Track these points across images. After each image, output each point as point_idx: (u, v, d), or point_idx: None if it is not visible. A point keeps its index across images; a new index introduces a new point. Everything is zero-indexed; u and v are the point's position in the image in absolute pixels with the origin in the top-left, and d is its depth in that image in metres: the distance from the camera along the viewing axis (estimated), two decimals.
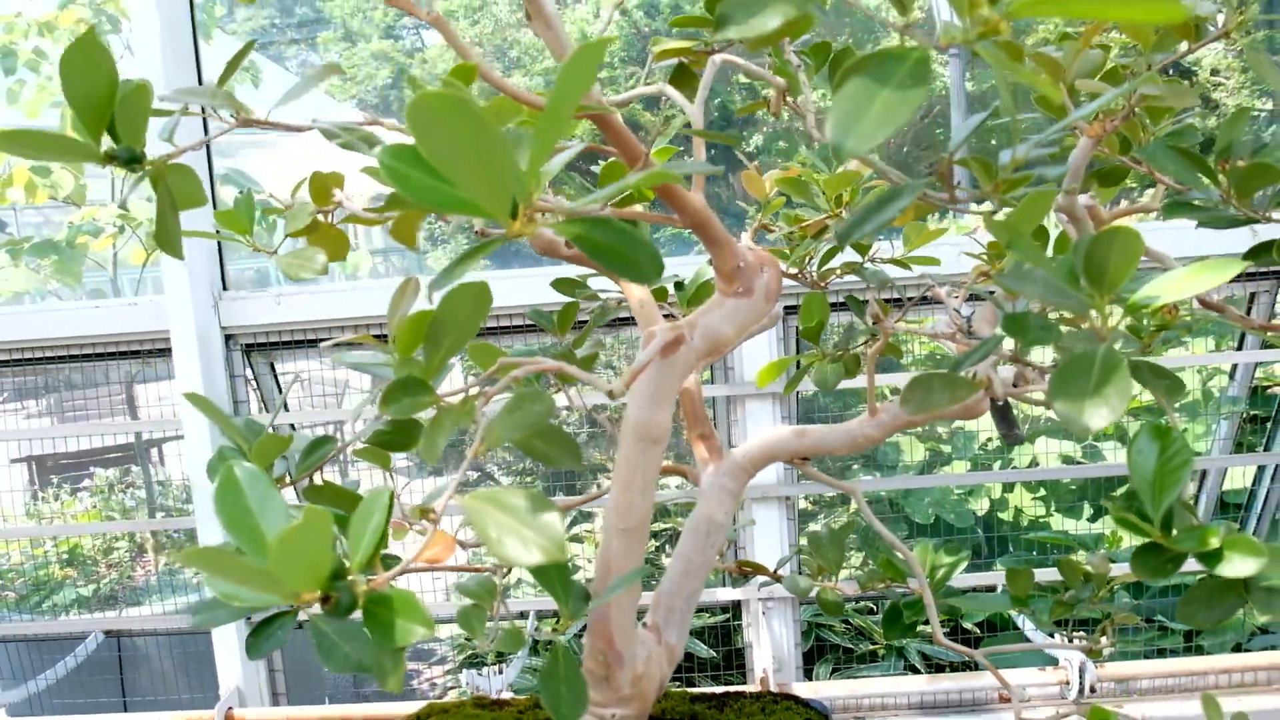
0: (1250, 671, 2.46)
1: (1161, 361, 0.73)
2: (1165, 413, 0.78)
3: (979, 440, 3.57)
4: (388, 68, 8.77)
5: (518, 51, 7.16)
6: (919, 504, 3.42)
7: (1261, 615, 0.76)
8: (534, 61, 7.18)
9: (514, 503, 0.64)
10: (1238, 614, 3.10)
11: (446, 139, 0.47)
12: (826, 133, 0.47)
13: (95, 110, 0.73)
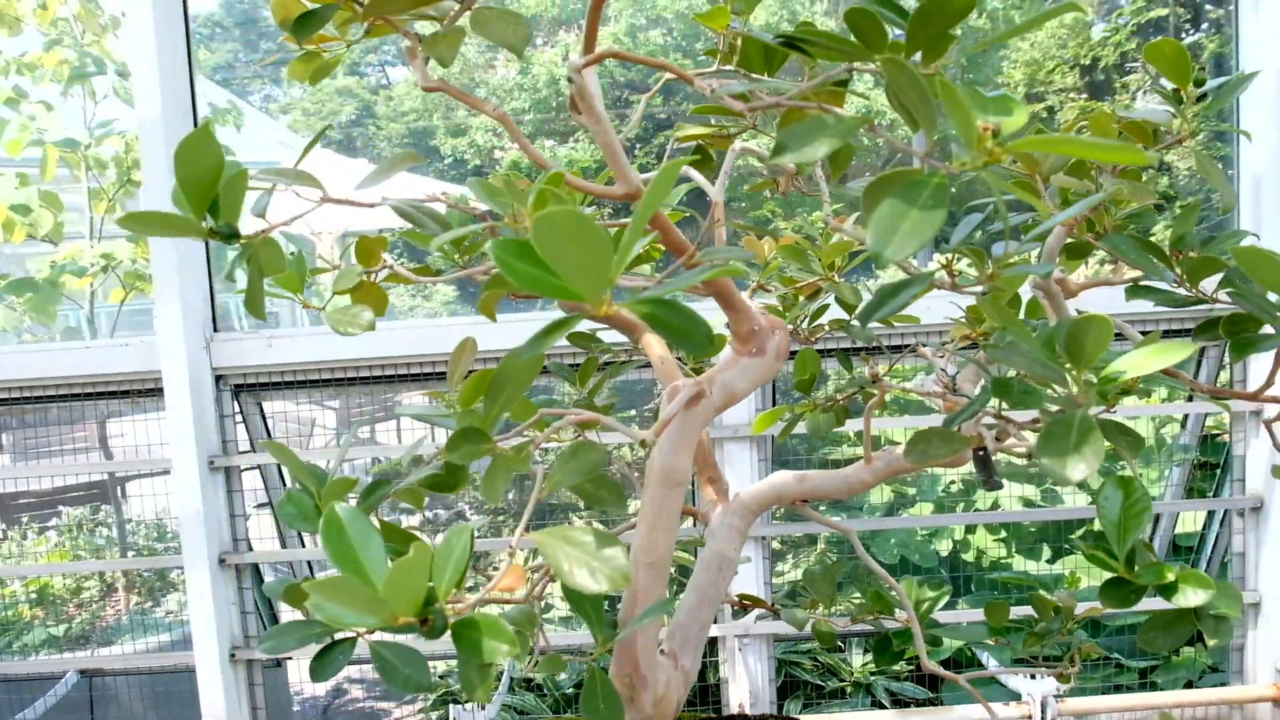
0: (1201, 706, 2.62)
1: (1120, 411, 0.87)
2: (1117, 459, 0.91)
3: (942, 483, 3.73)
4: (352, 104, 8.88)
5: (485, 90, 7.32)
6: (885, 545, 3.56)
7: (1210, 640, 0.89)
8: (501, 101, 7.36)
9: (583, 539, 0.75)
10: (1189, 653, 3.26)
11: (564, 245, 0.59)
12: (868, 242, 0.60)
13: (201, 191, 0.84)
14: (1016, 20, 6.00)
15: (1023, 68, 5.57)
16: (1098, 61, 4.96)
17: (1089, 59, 5.00)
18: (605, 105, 0.96)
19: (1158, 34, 4.80)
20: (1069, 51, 5.14)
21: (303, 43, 0.96)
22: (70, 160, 3.48)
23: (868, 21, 0.70)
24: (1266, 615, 2.60)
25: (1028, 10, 7.11)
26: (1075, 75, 5.13)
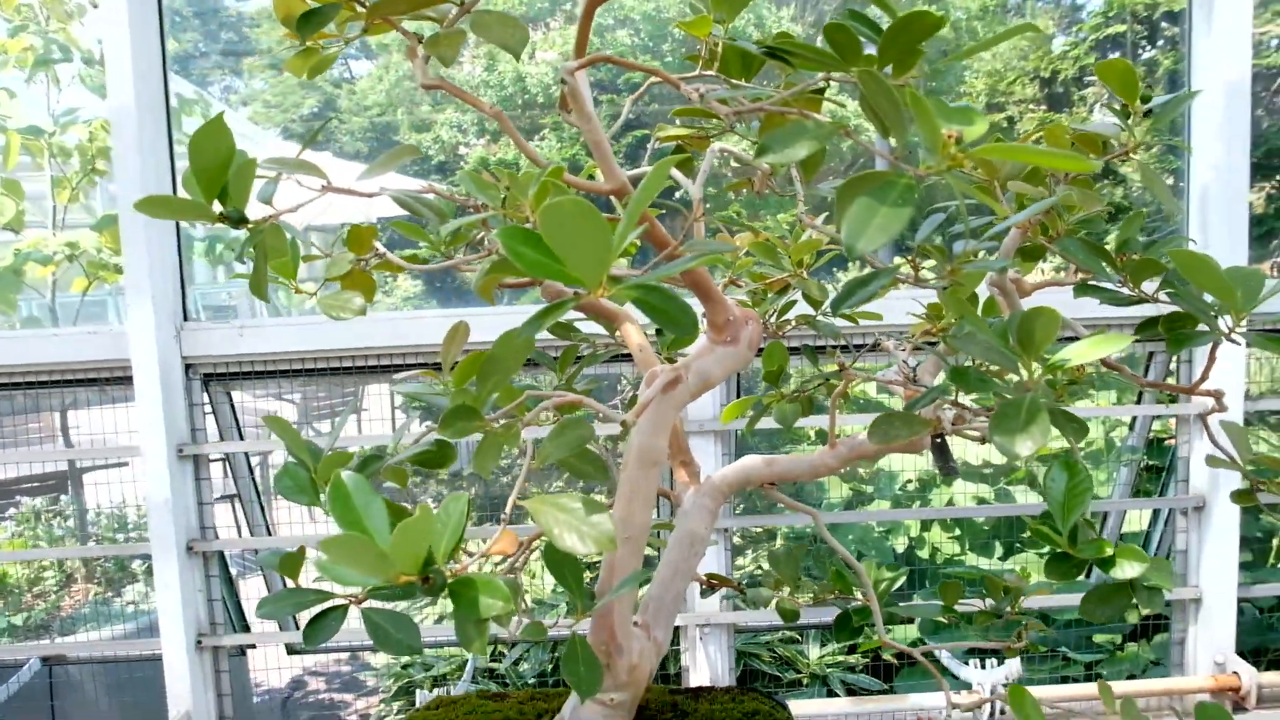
0: (1144, 697, 2.73)
1: (1071, 410, 0.95)
2: (1071, 456, 0.99)
3: (899, 481, 3.83)
4: (315, 96, 8.83)
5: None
6: (843, 540, 3.65)
7: (1144, 609, 0.97)
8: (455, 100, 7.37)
9: (572, 506, 0.82)
10: (1134, 648, 3.39)
11: (569, 232, 0.65)
12: (842, 236, 0.67)
13: (212, 178, 0.89)
14: (980, 31, 6.13)
15: (985, 78, 5.72)
16: (1057, 74, 5.10)
17: (1049, 72, 5.14)
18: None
19: (1116, 50, 4.95)
20: (1029, 64, 5.28)
21: (304, 39, 1.01)
22: (33, 148, 3.47)
23: (844, 36, 0.77)
24: (1207, 610, 2.72)
25: (989, 22, 7.26)
26: (1035, 87, 5.27)
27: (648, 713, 1.20)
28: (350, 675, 4.06)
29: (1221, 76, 2.54)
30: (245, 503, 2.87)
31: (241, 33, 8.95)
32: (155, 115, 2.47)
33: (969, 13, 7.34)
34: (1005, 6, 7.93)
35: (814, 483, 4.07)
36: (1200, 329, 0.99)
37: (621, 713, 1.13)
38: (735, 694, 1.26)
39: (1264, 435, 3.86)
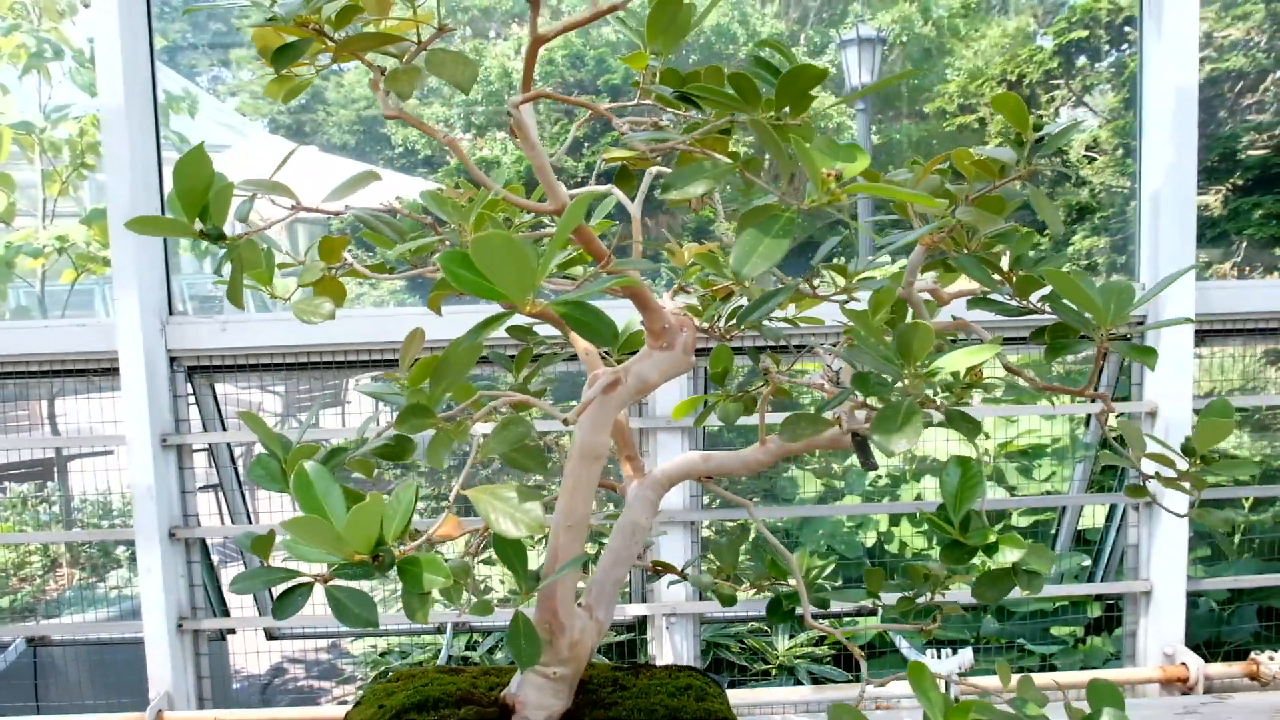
0: None
1: (1036, 410, 1.07)
2: (1035, 457, 1.12)
3: (869, 478, 3.96)
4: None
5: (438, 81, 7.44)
6: (813, 535, 3.78)
7: (1023, 592, 1.10)
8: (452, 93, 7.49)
9: (507, 495, 0.94)
10: (1096, 641, 3.52)
11: (498, 259, 0.77)
12: (731, 263, 0.79)
13: (195, 201, 1.00)
14: (961, 29, 6.24)
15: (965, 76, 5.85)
16: (1024, 78, 5.24)
17: (1015, 75, 5.28)
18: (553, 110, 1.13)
19: (1080, 54, 5.08)
20: (995, 68, 5.42)
21: (279, 70, 1.12)
22: (24, 142, 3.57)
23: (746, 83, 0.88)
24: (1156, 602, 2.85)
25: (972, 20, 7.38)
26: (1004, 89, 5.40)
27: (590, 686, 1.32)
28: (330, 663, 4.18)
29: (1171, 82, 2.66)
30: (227, 492, 2.99)
31: (229, 24, 9.04)
32: (143, 113, 2.58)
33: (951, 10, 7.47)
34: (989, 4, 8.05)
35: (788, 478, 4.20)
36: (1082, 337, 1.11)
37: (564, 685, 1.25)
38: (673, 671, 1.38)
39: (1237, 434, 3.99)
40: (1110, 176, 4.14)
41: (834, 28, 8.62)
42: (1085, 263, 3.99)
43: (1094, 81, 4.88)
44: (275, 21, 1.09)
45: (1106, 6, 4.72)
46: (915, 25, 8.39)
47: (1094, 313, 1.01)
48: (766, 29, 8.76)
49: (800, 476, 4.10)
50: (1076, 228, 4.01)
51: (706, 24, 8.75)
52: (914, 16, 8.40)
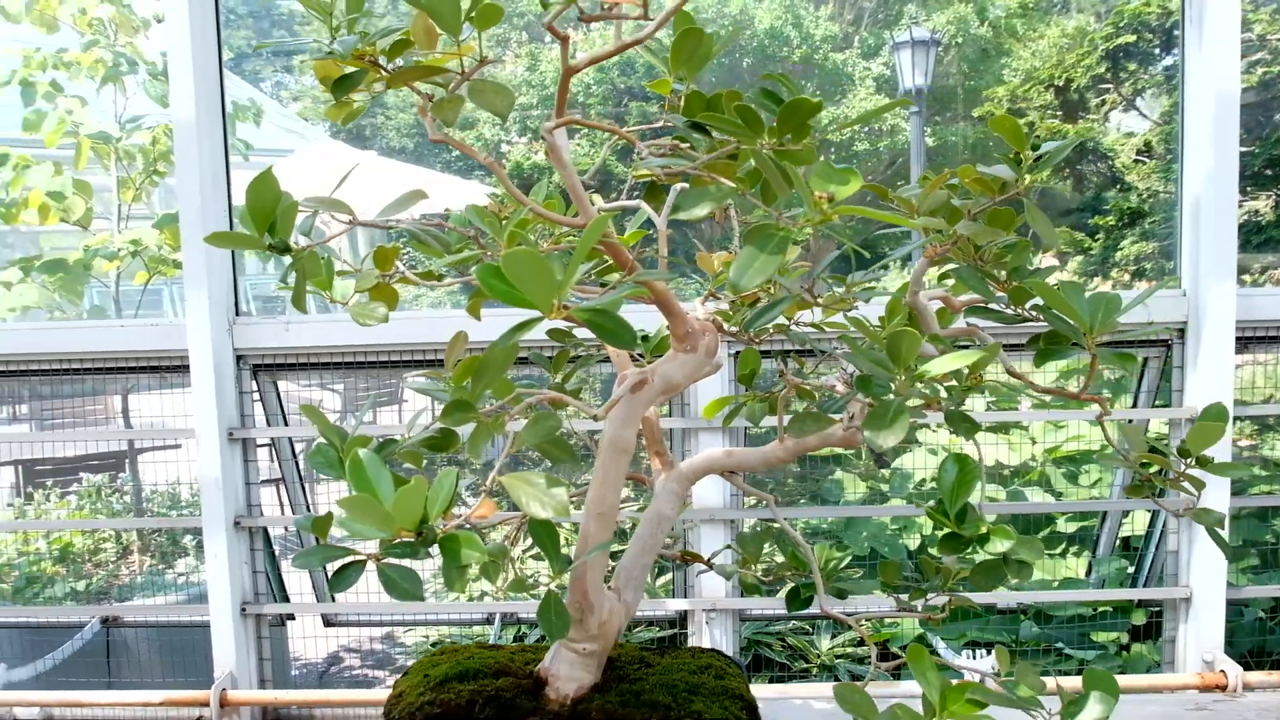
0: (1131, 692, 2.91)
1: (1076, 416, 1.17)
2: (1081, 463, 1.21)
3: (914, 480, 4.03)
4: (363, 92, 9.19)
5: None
6: (856, 537, 3.85)
7: (1013, 579, 1.19)
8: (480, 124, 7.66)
9: (536, 481, 1.06)
10: (1139, 649, 3.56)
11: (525, 271, 0.89)
12: (730, 275, 0.90)
13: (264, 217, 1.14)
14: (1018, 29, 6.28)
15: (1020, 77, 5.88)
16: (1071, 82, 5.26)
17: (1063, 80, 5.30)
18: (609, 107, 1.25)
19: (1128, 58, 5.09)
20: (1043, 72, 5.44)
21: (338, 98, 1.26)
22: (101, 151, 3.79)
23: (750, 114, 0.99)
24: (1196, 609, 2.89)
25: (1030, 20, 7.38)
26: (1051, 94, 5.43)
27: (618, 664, 1.44)
28: (384, 652, 4.35)
29: (1212, 88, 2.71)
30: (288, 484, 3.16)
31: (293, 30, 9.36)
32: (213, 124, 2.76)
33: (1009, 10, 7.47)
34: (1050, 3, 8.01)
35: (834, 480, 4.29)
36: (1074, 344, 1.20)
37: (593, 660, 1.37)
38: (696, 652, 1.49)
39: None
40: (1157, 182, 4.15)
41: (889, 29, 8.66)
42: (1133, 268, 4.01)
43: (1145, 85, 4.88)
44: (334, 55, 1.22)
45: (1156, 10, 4.73)
46: (971, 26, 8.41)
47: (1078, 322, 1.11)
48: (820, 31, 8.83)
49: (846, 479, 4.19)
50: (1126, 233, 4.03)
51: (760, 27, 8.82)
52: (970, 17, 8.43)
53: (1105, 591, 3.22)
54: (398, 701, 1.37)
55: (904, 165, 7.77)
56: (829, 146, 7.81)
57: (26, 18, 3.84)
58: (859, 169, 1.38)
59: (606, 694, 1.34)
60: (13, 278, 3.54)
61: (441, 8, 1.11)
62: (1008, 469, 4.11)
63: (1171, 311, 2.84)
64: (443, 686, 1.35)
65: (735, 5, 7.78)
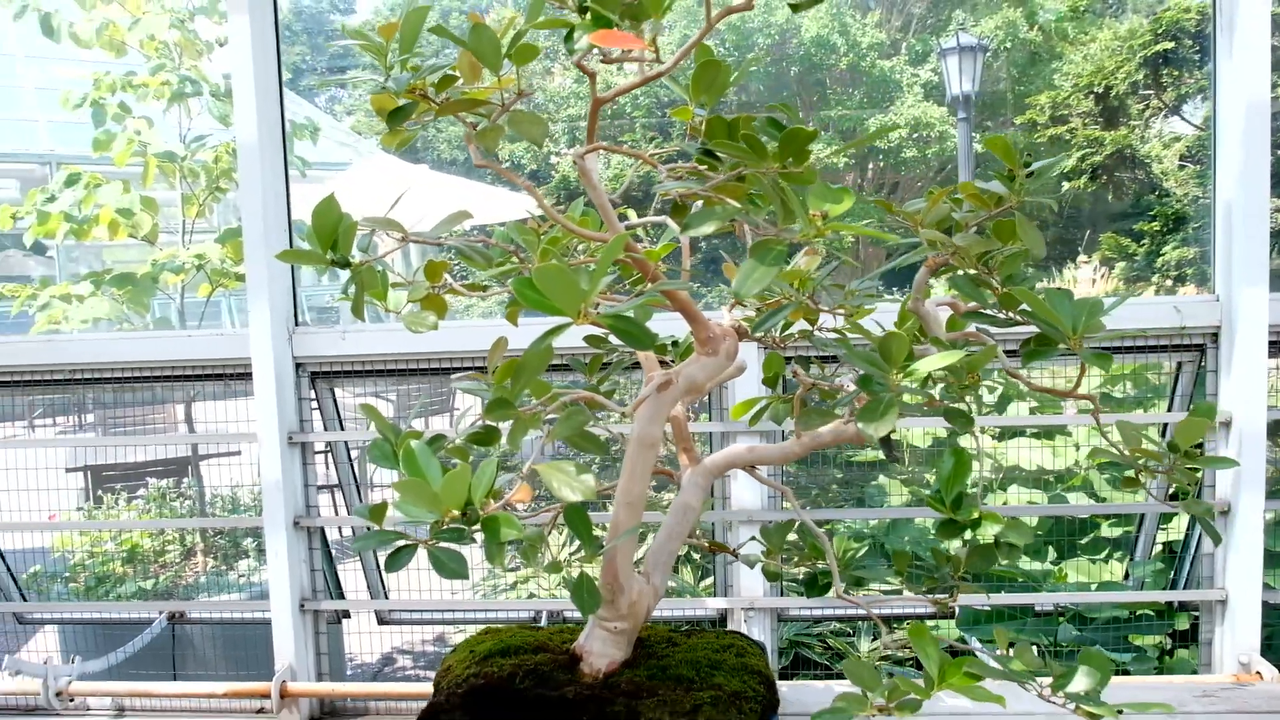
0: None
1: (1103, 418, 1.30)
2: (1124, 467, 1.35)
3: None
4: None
5: (544, 96, 7.86)
6: (898, 541, 3.96)
7: (1003, 560, 1.31)
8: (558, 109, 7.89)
9: (568, 469, 1.21)
10: (1183, 654, 3.62)
11: (554, 283, 1.04)
12: (732, 285, 1.05)
13: (327, 236, 1.31)
14: (1069, 32, 6.34)
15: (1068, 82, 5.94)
16: (1110, 89, 5.31)
17: (1103, 87, 5.35)
18: (652, 118, 1.39)
19: (1166, 66, 5.13)
20: (1083, 80, 5.50)
21: (392, 127, 1.42)
22: (166, 169, 4.03)
23: (755, 142, 1.14)
24: (1232, 610, 2.96)
25: (1081, 23, 7.41)
26: (1091, 101, 5.48)
27: (648, 643, 1.58)
28: (436, 654, 4.53)
29: (1242, 97, 2.79)
30: (344, 486, 3.34)
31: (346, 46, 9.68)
32: (274, 144, 2.95)
33: (1059, 15, 7.52)
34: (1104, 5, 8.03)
35: (876, 485, 4.39)
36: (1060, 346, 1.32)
37: (624, 638, 1.52)
38: (720, 634, 1.63)
39: None
40: (1196, 188, 4.20)
41: (936, 35, 8.74)
42: (1175, 274, 4.07)
43: (1187, 92, 4.93)
44: (389, 90, 1.38)
45: (1195, 16, 4.78)
46: (1020, 30, 8.45)
47: (1060, 325, 1.23)
48: (867, 39, 8.94)
49: (889, 484, 4.29)
50: (1169, 238, 4.10)
51: (806, 35, 8.99)
52: (1019, 21, 8.47)
53: (1140, 594, 3.29)
54: (446, 674, 1.53)
55: (953, 171, 7.83)
56: (876, 154, 7.90)
57: (97, 42, 4.10)
58: (907, 175, 1.50)
59: (636, 669, 1.48)
60: (84, 291, 3.79)
61: (484, 47, 1.27)
62: (1051, 474, 4.19)
63: (1206, 316, 2.91)
64: (487, 660, 1.51)
65: (781, 15, 7.92)
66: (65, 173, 3.95)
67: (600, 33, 1.05)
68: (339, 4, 12.37)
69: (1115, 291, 7.23)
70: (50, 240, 4.07)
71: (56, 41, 4.14)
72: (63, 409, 5.16)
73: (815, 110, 9.93)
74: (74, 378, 3.16)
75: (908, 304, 1.42)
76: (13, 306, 3.97)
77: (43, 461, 3.55)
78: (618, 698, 1.41)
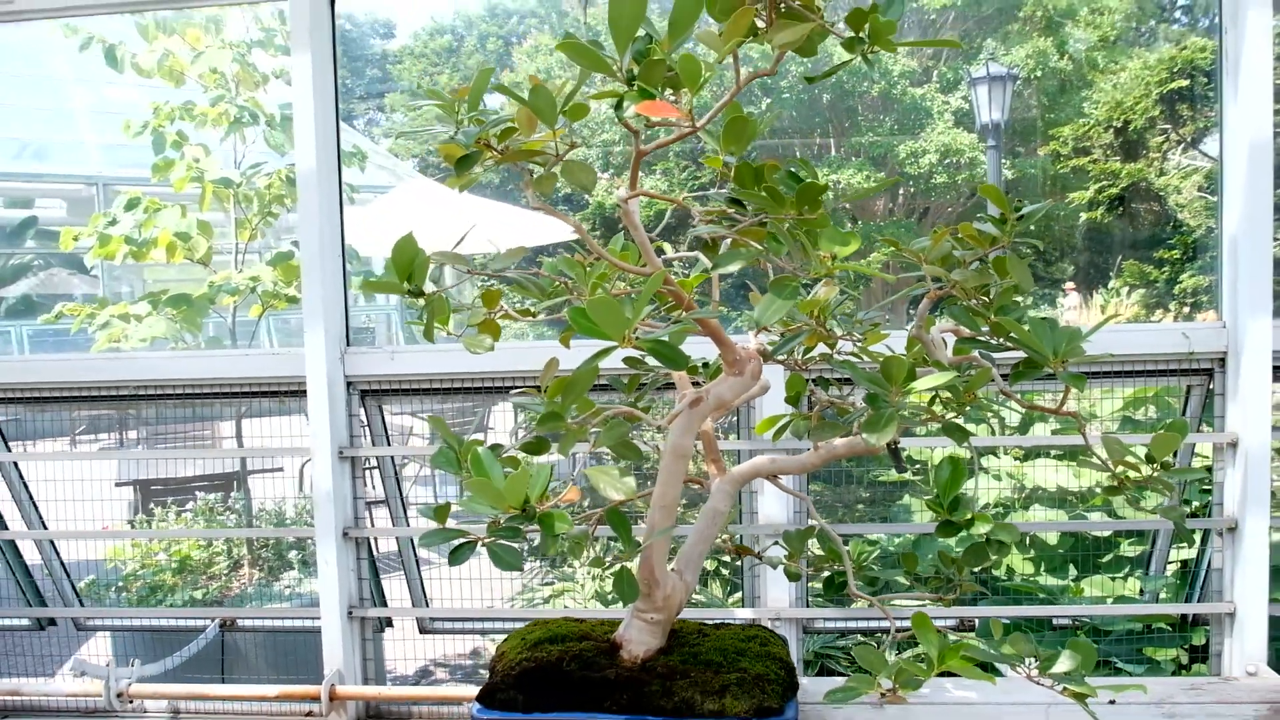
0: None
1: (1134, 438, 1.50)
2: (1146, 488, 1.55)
3: (979, 504, 4.30)
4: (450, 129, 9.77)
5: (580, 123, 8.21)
6: (922, 557, 4.14)
7: (993, 555, 1.51)
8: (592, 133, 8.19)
9: (612, 472, 1.43)
10: (1200, 668, 3.77)
11: (604, 312, 1.26)
12: (755, 314, 1.26)
13: (404, 269, 1.54)
14: (1099, 61, 6.53)
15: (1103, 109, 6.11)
16: (1129, 124, 5.50)
17: (1121, 121, 5.54)
18: (681, 146, 1.60)
19: (1182, 102, 5.31)
20: (1101, 113, 5.69)
21: (460, 172, 1.65)
22: (221, 195, 4.30)
23: (775, 193, 1.36)
24: (1240, 623, 3.12)
25: (1111, 52, 7.60)
26: (1111, 135, 5.66)
27: (681, 634, 1.79)
28: (472, 668, 4.75)
29: (1246, 136, 2.98)
30: (389, 500, 3.58)
31: (385, 69, 10.01)
32: (329, 172, 3.20)
33: (1089, 44, 7.70)
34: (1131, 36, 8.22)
35: (901, 505, 4.58)
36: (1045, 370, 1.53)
37: (659, 629, 1.73)
38: (746, 628, 1.84)
39: None
40: (1210, 219, 4.37)
41: (968, 63, 8.95)
42: (1191, 300, 4.24)
43: (1204, 126, 5.11)
44: (457, 139, 1.62)
45: (1209, 57, 4.96)
46: (1050, 59, 8.65)
47: (1041, 351, 1.44)
48: (898, 67, 9.19)
49: (912, 504, 4.47)
50: (1187, 266, 4.27)
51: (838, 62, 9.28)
52: (1049, 51, 8.67)
53: (1151, 606, 3.45)
54: (500, 659, 1.74)
55: (983, 198, 8.04)
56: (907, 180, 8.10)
57: (158, 73, 4.39)
58: (938, 200, 1.71)
59: (670, 655, 1.69)
60: (142, 310, 4.05)
61: (542, 105, 1.50)
62: (1074, 495, 4.36)
63: (1213, 342, 3.10)
64: (537, 647, 1.72)
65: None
66: (125, 197, 4.23)
67: (646, 104, 1.27)
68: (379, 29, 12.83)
69: (1136, 317, 7.39)
70: (102, 261, 4.36)
71: (120, 72, 4.44)
72: (107, 426, 5.44)
73: (847, 136, 10.16)
74: (139, 393, 3.41)
75: (912, 331, 1.63)
76: (73, 325, 4.25)
77: (92, 474, 3.80)
78: (654, 679, 1.62)
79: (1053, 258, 8.75)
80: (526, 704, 1.64)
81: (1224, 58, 3.07)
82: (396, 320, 7.64)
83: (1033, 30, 7.75)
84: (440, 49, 13.76)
